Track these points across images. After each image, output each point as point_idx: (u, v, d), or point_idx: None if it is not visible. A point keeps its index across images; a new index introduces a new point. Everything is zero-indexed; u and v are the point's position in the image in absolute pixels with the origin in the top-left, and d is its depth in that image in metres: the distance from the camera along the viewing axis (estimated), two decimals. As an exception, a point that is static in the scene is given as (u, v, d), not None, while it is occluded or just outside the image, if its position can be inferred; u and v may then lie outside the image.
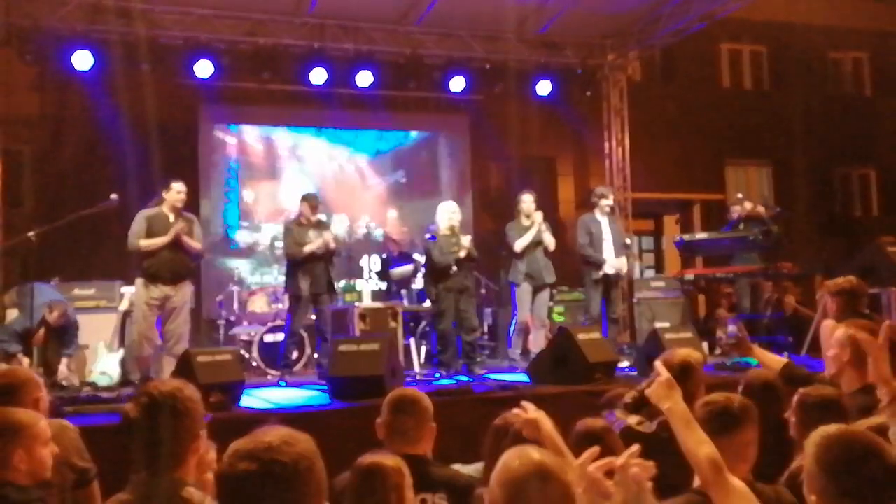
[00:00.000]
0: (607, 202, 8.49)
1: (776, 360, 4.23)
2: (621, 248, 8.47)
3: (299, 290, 7.55)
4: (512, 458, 1.89)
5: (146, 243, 6.78)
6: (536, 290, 8.18)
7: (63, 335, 7.77)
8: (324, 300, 7.69)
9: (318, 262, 7.61)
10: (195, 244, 7.02)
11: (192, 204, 11.10)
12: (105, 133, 10.23)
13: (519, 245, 8.05)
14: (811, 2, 14.42)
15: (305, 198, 7.98)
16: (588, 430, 3.02)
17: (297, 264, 7.59)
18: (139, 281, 6.86)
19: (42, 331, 7.62)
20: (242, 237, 11.75)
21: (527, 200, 8.23)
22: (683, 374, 3.40)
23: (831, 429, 2.20)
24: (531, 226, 8.11)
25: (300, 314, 7.72)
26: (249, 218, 11.83)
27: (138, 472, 2.31)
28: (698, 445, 2.50)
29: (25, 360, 7.42)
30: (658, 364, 3.28)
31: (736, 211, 9.55)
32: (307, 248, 7.53)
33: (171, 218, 6.91)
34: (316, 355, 8.24)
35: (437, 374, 7.65)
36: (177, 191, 6.97)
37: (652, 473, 2.14)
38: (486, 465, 2.96)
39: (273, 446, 1.74)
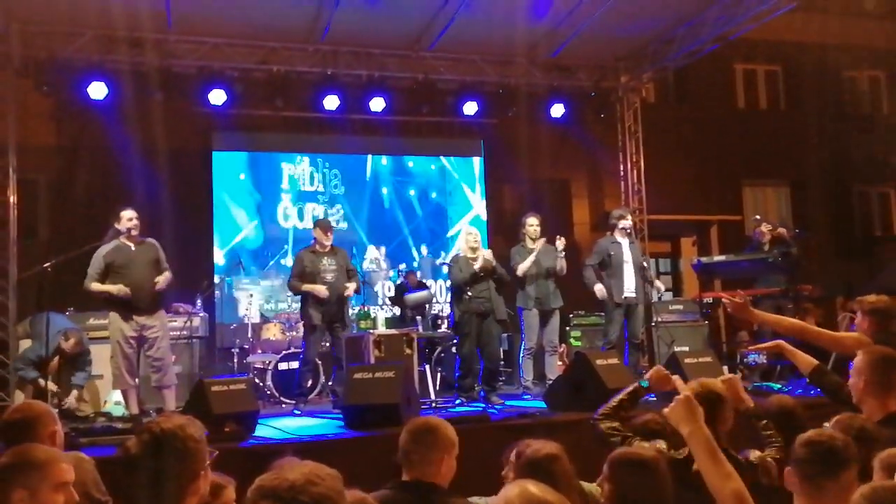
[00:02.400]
0: (626, 223, 8.42)
1: (808, 362, 4.13)
2: (641, 271, 8.38)
3: (313, 319, 7.48)
4: (511, 493, 1.85)
5: (98, 288, 6.59)
6: (545, 315, 8.08)
7: (76, 363, 7.75)
8: (337, 329, 7.61)
9: (333, 291, 7.51)
10: (166, 279, 6.78)
11: (206, 233, 11.24)
12: (120, 162, 10.28)
13: (521, 269, 7.96)
14: (825, 21, 14.35)
15: (318, 224, 7.90)
16: (632, 458, 2.89)
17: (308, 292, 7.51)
18: (114, 315, 6.69)
19: (56, 359, 7.60)
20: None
21: (533, 223, 8.15)
22: (716, 403, 3.29)
23: (881, 490, 2.00)
24: (539, 249, 8.05)
25: (314, 342, 7.65)
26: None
27: None
28: (724, 480, 2.33)
29: (52, 385, 7.41)
30: (677, 379, 3.17)
31: (760, 233, 9.42)
32: (305, 287, 7.45)
33: (133, 247, 6.76)
34: (330, 383, 8.17)
35: (458, 401, 7.55)
36: (127, 218, 6.78)
37: None
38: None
39: (296, 485, 1.69)
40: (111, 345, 6.79)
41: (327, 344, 7.96)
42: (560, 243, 8.04)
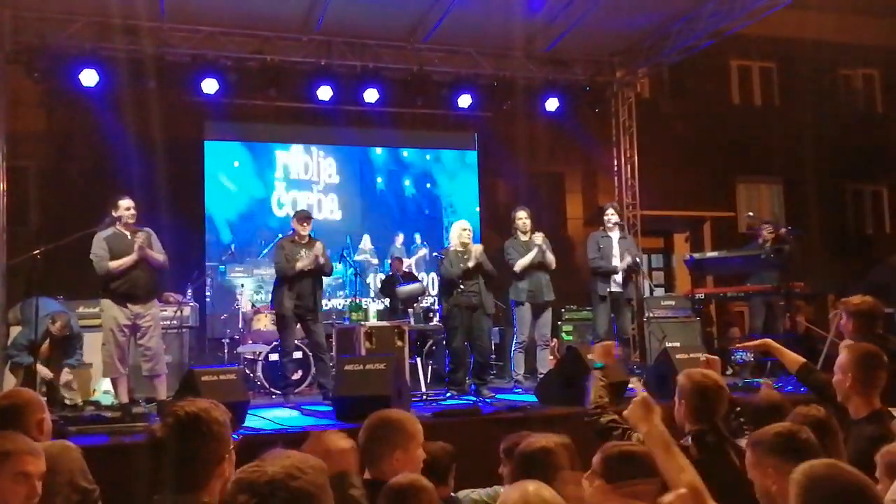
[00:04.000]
0: (609, 217, 8.41)
1: (795, 360, 4.15)
2: (630, 266, 8.37)
3: (283, 309, 7.42)
4: (511, 496, 1.82)
5: (116, 264, 6.59)
6: (537, 309, 8.07)
7: (66, 346, 7.73)
8: (308, 320, 7.52)
9: (307, 280, 7.45)
10: (158, 256, 6.83)
11: (198, 221, 11.20)
12: (111, 150, 10.22)
13: (519, 266, 7.95)
14: (821, 18, 14.35)
15: (296, 214, 7.87)
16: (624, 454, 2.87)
17: (284, 282, 7.45)
18: (107, 303, 6.67)
19: (47, 343, 7.56)
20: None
21: (522, 217, 8.14)
22: (714, 395, 3.29)
23: (817, 465, 2.08)
24: (529, 242, 8.02)
25: (288, 332, 7.55)
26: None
27: (162, 492, 2.25)
28: (679, 473, 2.42)
29: (44, 370, 7.39)
30: (634, 381, 3.21)
31: (762, 236, 9.34)
32: (298, 265, 7.38)
33: (129, 235, 6.74)
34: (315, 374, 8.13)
35: (449, 394, 7.53)
36: (125, 207, 6.76)
37: None
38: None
39: (275, 479, 1.67)
40: (104, 332, 6.76)
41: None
42: (538, 237, 8.00)
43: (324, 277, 7.78)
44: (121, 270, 6.61)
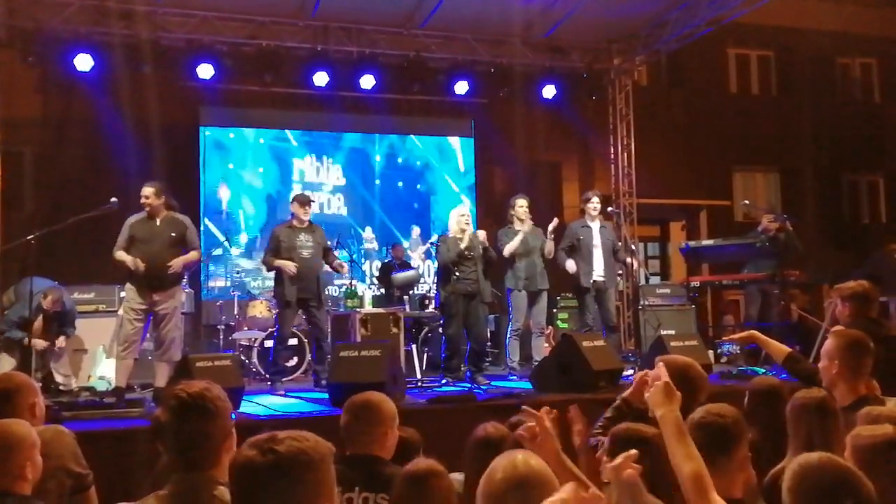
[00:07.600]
0: (591, 205, 8.29)
1: (781, 350, 4.16)
2: (612, 255, 8.28)
3: (286, 296, 7.33)
4: (496, 469, 1.86)
5: (121, 257, 6.55)
6: (532, 296, 8.05)
7: (61, 322, 7.73)
8: (313, 307, 7.45)
9: (308, 267, 7.36)
10: (190, 257, 6.75)
11: (193, 207, 11.16)
12: (106, 135, 10.17)
13: (508, 249, 7.89)
14: (819, 7, 14.34)
15: (296, 198, 7.72)
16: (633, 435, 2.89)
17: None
18: (127, 286, 6.69)
19: (39, 319, 7.54)
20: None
21: (522, 204, 8.05)
22: (687, 381, 3.28)
23: (811, 457, 2.09)
24: (526, 230, 7.99)
25: (287, 320, 7.46)
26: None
27: (176, 472, 2.29)
28: (685, 461, 2.38)
29: (38, 342, 7.40)
30: (661, 367, 3.17)
31: (766, 229, 9.25)
32: (277, 263, 7.25)
33: (157, 222, 6.68)
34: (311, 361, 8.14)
35: (444, 381, 7.53)
36: (141, 195, 6.65)
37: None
38: (466, 476, 2.85)
39: (278, 439, 1.75)
40: (123, 316, 6.78)
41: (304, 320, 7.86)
42: (551, 225, 7.97)
43: (325, 264, 7.69)
44: (120, 262, 6.58)
